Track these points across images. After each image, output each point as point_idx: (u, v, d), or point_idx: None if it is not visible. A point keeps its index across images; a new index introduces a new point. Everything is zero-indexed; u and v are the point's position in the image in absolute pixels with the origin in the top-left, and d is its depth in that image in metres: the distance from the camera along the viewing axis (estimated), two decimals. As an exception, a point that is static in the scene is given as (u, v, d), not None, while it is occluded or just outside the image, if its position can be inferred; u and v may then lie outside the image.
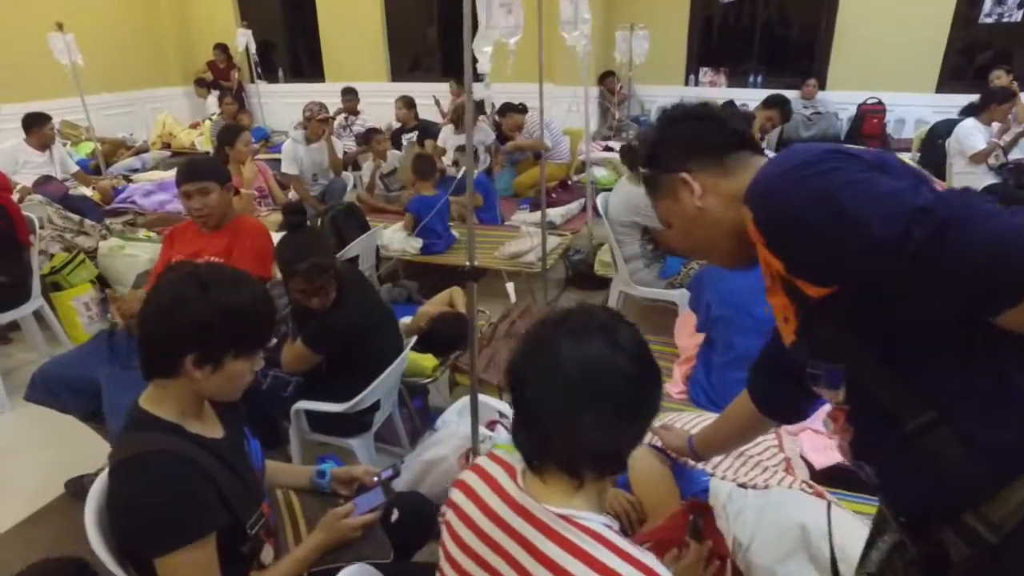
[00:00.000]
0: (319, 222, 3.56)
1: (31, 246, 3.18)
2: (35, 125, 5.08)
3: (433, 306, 2.97)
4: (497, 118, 6.51)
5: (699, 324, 2.53)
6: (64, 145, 6.10)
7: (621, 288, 3.27)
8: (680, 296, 3.10)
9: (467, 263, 1.76)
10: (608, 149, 6.25)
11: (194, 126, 8.09)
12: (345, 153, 5.59)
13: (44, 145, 5.14)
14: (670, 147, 1.06)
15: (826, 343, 0.93)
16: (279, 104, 8.77)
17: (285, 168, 4.58)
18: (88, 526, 1.21)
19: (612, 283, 3.45)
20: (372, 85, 7.86)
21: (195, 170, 2.29)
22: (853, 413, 0.96)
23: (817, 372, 0.99)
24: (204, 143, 7.21)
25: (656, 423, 2.04)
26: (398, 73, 8.41)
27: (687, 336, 2.73)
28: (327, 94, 8.66)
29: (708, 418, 1.93)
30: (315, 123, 4.51)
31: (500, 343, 2.75)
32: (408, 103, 5.66)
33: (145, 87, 8.80)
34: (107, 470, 1.19)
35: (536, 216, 4.56)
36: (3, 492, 2.61)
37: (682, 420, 1.96)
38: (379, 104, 7.29)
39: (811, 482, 1.80)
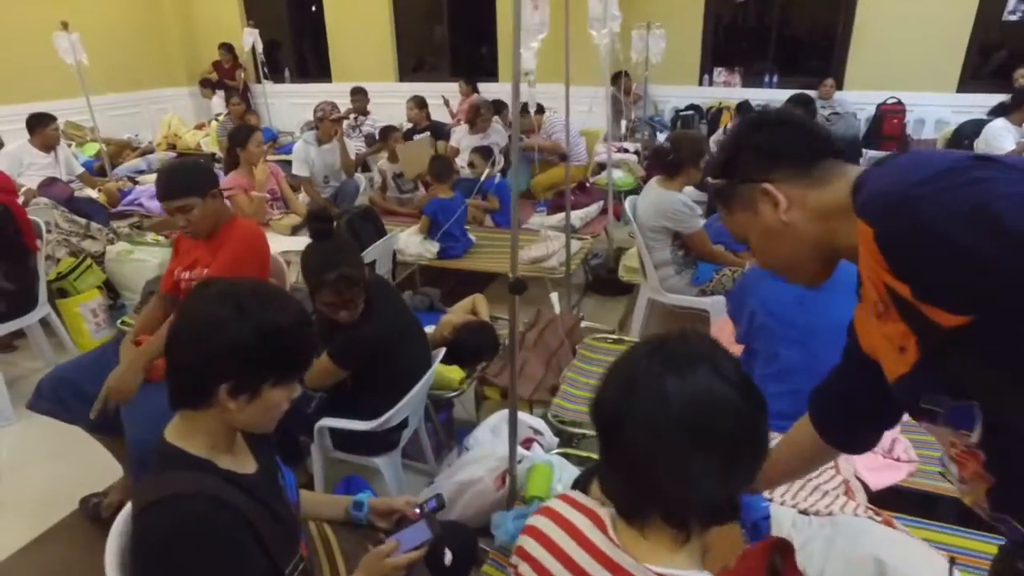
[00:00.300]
0: (334, 225, 3.44)
1: (38, 251, 3.06)
2: (39, 125, 4.97)
3: (456, 314, 2.85)
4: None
5: (740, 334, 2.41)
6: (69, 146, 5.99)
7: (650, 295, 3.15)
8: (713, 304, 2.99)
9: (509, 273, 1.64)
10: (623, 150, 6.13)
11: (199, 127, 7.98)
12: (356, 154, 5.48)
13: (48, 146, 5.03)
14: (750, 155, 0.97)
15: (961, 378, 0.81)
16: (285, 104, 8.66)
17: (296, 170, 4.46)
18: (109, 572, 1.09)
19: (640, 290, 3.33)
20: (380, 85, 7.74)
21: (172, 187, 2.08)
22: (993, 459, 0.83)
23: (936, 409, 0.87)
24: (210, 144, 7.09)
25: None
26: (406, 73, 8.30)
27: (724, 346, 2.61)
28: (334, 94, 8.52)
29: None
30: (328, 123, 4.39)
31: (529, 354, 2.63)
32: (419, 103, 5.54)
33: (150, 87, 8.69)
34: (131, 510, 1.07)
35: (555, 219, 4.46)
36: (10, 509, 2.49)
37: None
38: (387, 104, 7.17)
39: (876, 508, 1.68)
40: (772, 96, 6.82)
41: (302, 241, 3.63)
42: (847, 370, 1.13)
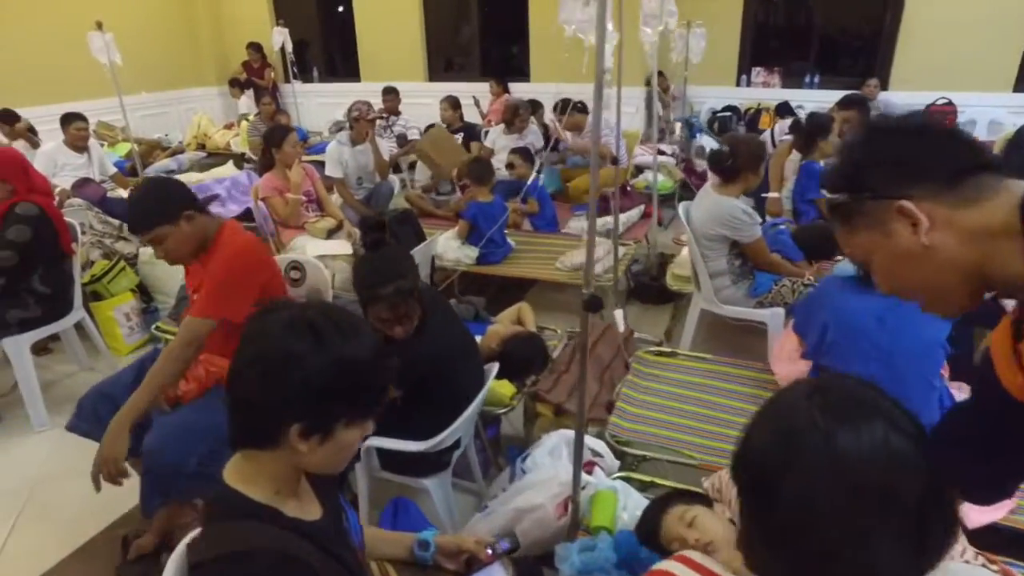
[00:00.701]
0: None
1: (74, 254, 2.99)
2: (65, 124, 4.98)
3: (503, 325, 2.73)
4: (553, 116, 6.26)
5: (809, 349, 2.26)
6: (101, 146, 5.97)
7: (703, 306, 2.99)
8: (771, 316, 2.83)
9: (584, 289, 1.51)
10: (660, 152, 5.96)
11: (228, 127, 7.95)
12: (388, 155, 5.37)
13: (76, 146, 5.00)
14: (885, 168, 0.83)
15: None
16: (313, 104, 8.61)
17: (329, 171, 4.36)
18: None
19: (692, 300, 3.17)
20: (409, 85, 7.64)
21: (138, 219, 1.93)
22: None
23: None
24: (240, 144, 7.04)
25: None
26: (435, 73, 8.20)
27: (787, 362, 2.45)
28: (363, 94, 8.44)
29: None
30: (362, 123, 4.29)
31: (596, 376, 2.49)
32: (453, 103, 5.43)
33: (179, 87, 8.69)
34: (187, 556, 0.96)
35: (597, 223, 4.30)
36: (43, 523, 2.41)
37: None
38: (416, 104, 7.07)
39: (988, 553, 1.52)
40: (812, 97, 6.62)
41: (338, 245, 3.53)
42: (983, 407, 0.98)
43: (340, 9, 8.38)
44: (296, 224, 3.61)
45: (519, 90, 7.57)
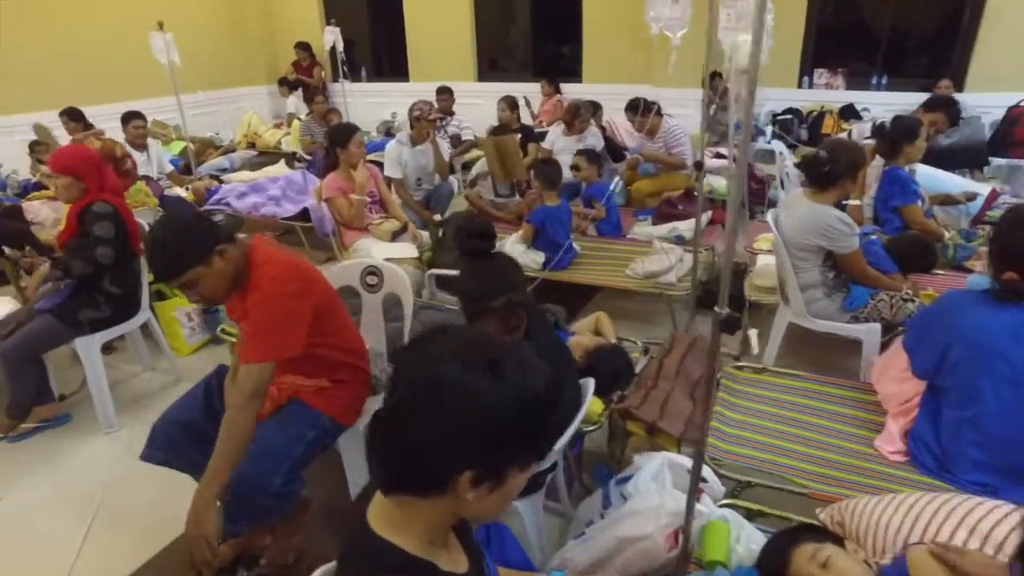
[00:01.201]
0: (439, 233, 3.24)
1: (142, 255, 2.95)
2: (124, 123, 5.02)
3: (585, 336, 2.60)
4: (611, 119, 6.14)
5: (925, 368, 2.09)
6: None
7: (792, 319, 2.83)
8: (868, 332, 2.66)
9: (717, 308, 1.38)
10: (718, 155, 5.78)
11: (277, 126, 7.97)
12: (443, 156, 5.29)
13: (136, 144, 5.03)
14: None
15: None
16: (361, 104, 8.57)
17: (388, 171, 4.29)
18: None
19: (777, 312, 3.01)
20: (458, 85, 7.57)
21: (166, 266, 1.73)
22: None
23: None
24: (291, 143, 7.04)
25: (904, 509, 1.64)
26: (485, 72, 8.11)
27: (895, 382, 2.28)
28: (412, 93, 8.40)
29: (996, 507, 1.51)
30: (423, 123, 4.20)
31: (673, 384, 2.36)
32: (511, 104, 5.32)
33: (230, 86, 8.75)
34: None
35: (663, 229, 4.18)
36: (117, 529, 2.36)
37: (954, 508, 1.54)
38: (466, 104, 6.99)
39: None
40: (880, 99, 6.37)
41: (403, 248, 3.45)
42: None
43: (390, 9, 8.32)
44: (360, 226, 3.53)
45: (571, 90, 7.45)
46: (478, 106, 7.71)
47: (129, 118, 4.99)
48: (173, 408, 1.98)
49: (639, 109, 4.84)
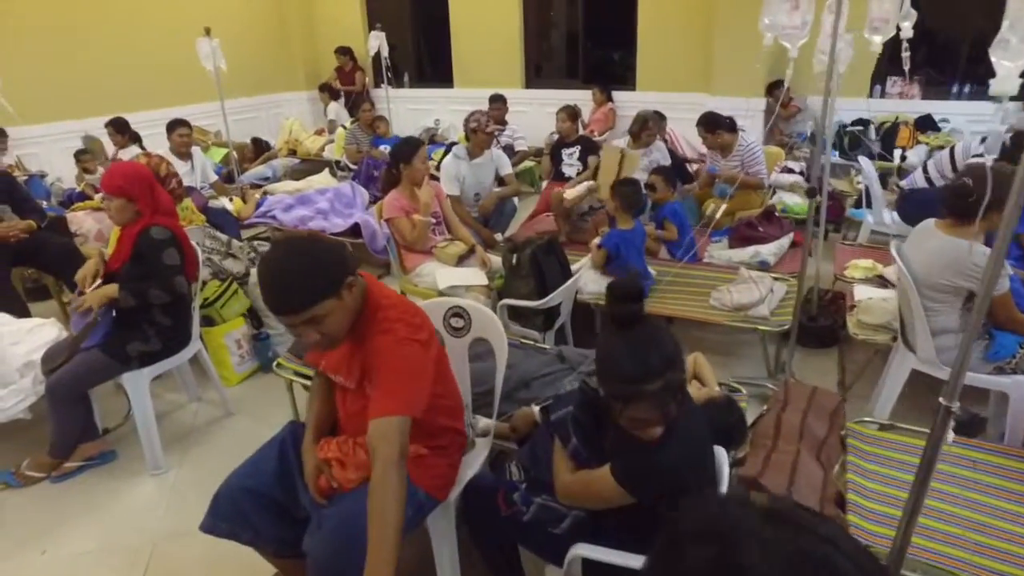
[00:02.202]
0: (514, 259, 2.97)
1: (196, 281, 2.72)
2: (169, 131, 4.82)
3: (691, 387, 2.30)
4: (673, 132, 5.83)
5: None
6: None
7: (917, 366, 2.49)
8: (1015, 386, 2.31)
9: (948, 403, 1.08)
10: (787, 170, 5.44)
11: (319, 132, 7.78)
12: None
13: (180, 152, 4.83)
14: None
15: None
16: (403, 110, 8.38)
17: (444, 187, 4.03)
18: None
19: (895, 358, 2.68)
20: (505, 91, 7.31)
21: (293, 297, 1.43)
22: None
23: None
24: (335, 151, 6.83)
25: None
26: (532, 79, 7.84)
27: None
28: (457, 100, 8.21)
29: None
30: (481, 135, 3.94)
31: (799, 447, 2.04)
32: (572, 114, 5.02)
33: (269, 91, 8.60)
34: None
35: (745, 254, 3.84)
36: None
37: None
38: (511, 112, 6.70)
39: None
40: (960, 109, 5.96)
41: (471, 274, 3.17)
42: None
43: (435, 14, 8.08)
44: (423, 249, 3.27)
45: (623, 99, 7.15)
46: (524, 114, 7.45)
47: (175, 126, 4.80)
48: (240, 473, 1.72)
49: (712, 124, 4.52)
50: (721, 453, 1.68)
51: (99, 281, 2.53)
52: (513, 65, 7.72)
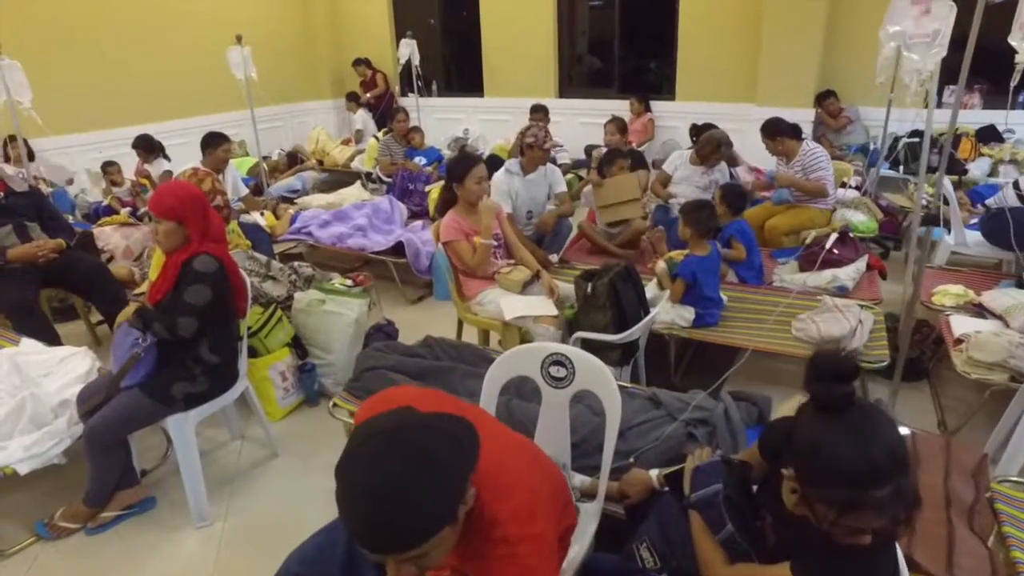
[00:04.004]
0: (589, 287, 2.71)
1: (244, 317, 2.48)
2: (210, 146, 4.49)
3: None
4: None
5: None
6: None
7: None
8: None
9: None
10: (842, 184, 5.15)
11: (346, 142, 7.58)
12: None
13: (219, 169, 4.57)
14: None
15: None
16: (432, 119, 8.15)
17: (494, 204, 3.79)
18: None
19: (1020, 401, 2.40)
20: (538, 101, 7.08)
21: (393, 537, 0.98)
22: None
23: None
24: (366, 163, 6.61)
25: None
26: (566, 88, 7.60)
27: None
28: (487, 110, 8.00)
29: None
30: (537, 152, 3.69)
31: (951, 516, 1.76)
32: (621, 126, 4.77)
33: (294, 100, 8.41)
34: None
35: (822, 278, 3.56)
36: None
37: None
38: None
39: None
40: (1024, 120, 5.67)
41: (539, 303, 2.91)
42: None
43: (466, 22, 7.86)
44: (485, 275, 3.02)
45: (662, 109, 6.91)
46: (557, 124, 7.20)
47: (216, 141, 4.37)
48: (302, 558, 1.44)
49: (774, 131, 4.27)
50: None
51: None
52: (547, 74, 7.49)
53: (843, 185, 5.11)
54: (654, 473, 1.71)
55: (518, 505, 1.17)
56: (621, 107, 6.91)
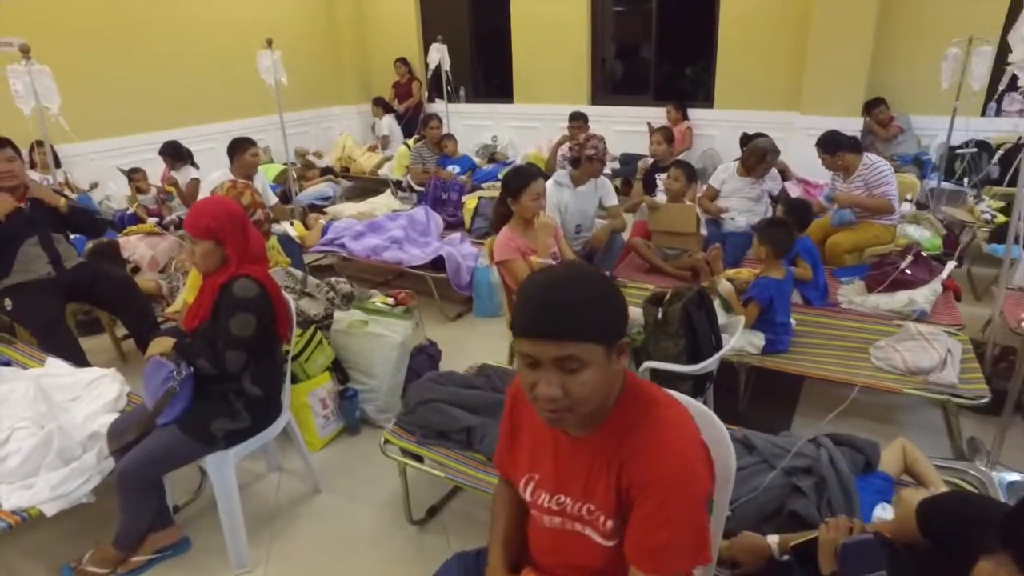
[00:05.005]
0: (659, 313, 2.49)
1: (289, 343, 2.29)
2: (236, 151, 4.32)
3: (916, 490, 1.79)
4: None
5: None
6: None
7: None
8: None
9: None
10: (906, 200, 4.89)
11: (372, 149, 7.40)
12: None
13: (248, 175, 4.38)
14: None
15: None
16: (460, 126, 7.95)
17: (541, 217, 3.57)
18: None
19: None
20: (569, 108, 6.86)
21: (561, 316, 1.03)
22: None
23: None
24: (395, 170, 6.41)
25: None
26: (599, 95, 7.38)
27: None
28: (517, 116, 7.80)
29: None
30: (597, 165, 3.48)
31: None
32: (667, 136, 4.54)
33: (319, 105, 8.25)
34: None
35: (897, 300, 3.32)
36: None
37: None
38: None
39: None
40: (1092, 130, 5.37)
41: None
42: None
43: (496, 26, 7.67)
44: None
45: (700, 116, 6.67)
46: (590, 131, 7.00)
47: (242, 145, 4.21)
48: None
49: (832, 146, 4.02)
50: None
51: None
52: (579, 80, 7.28)
53: (907, 200, 4.85)
54: (773, 541, 1.49)
55: (692, 432, 1.17)
56: (656, 114, 6.69)
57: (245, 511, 2.30)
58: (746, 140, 4.87)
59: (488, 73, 8.34)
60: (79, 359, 3.09)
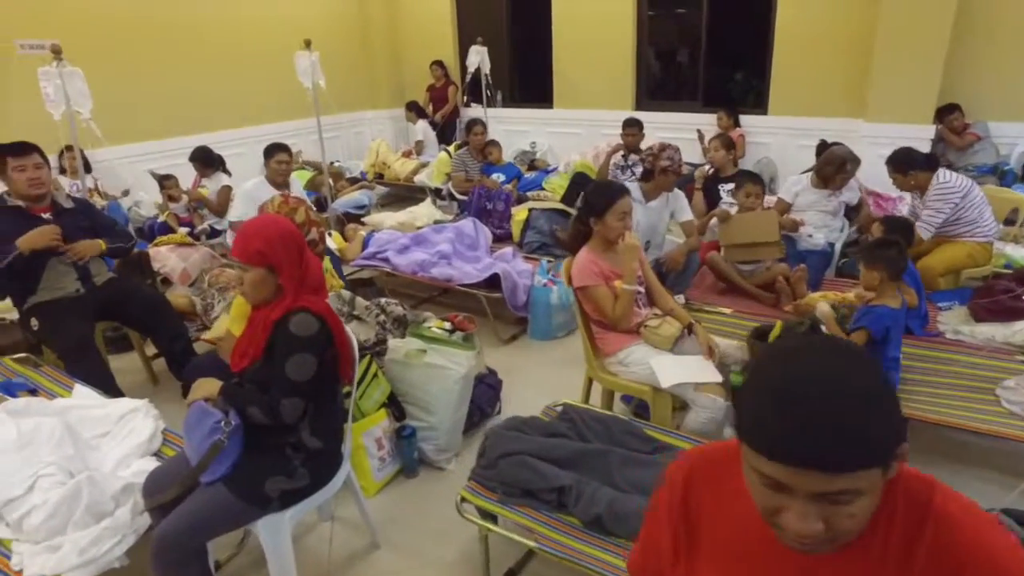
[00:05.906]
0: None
1: (352, 383, 1.99)
2: (266, 157, 4.11)
3: None
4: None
5: None
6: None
7: None
8: None
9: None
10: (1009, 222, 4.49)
11: (407, 154, 7.11)
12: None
13: (276, 183, 4.12)
14: None
15: None
16: (497, 131, 7.64)
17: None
18: None
19: None
20: (613, 114, 6.54)
21: (849, 441, 0.71)
22: None
23: None
24: (433, 178, 6.12)
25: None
26: (644, 100, 7.04)
27: None
28: (557, 122, 7.48)
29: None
30: (671, 177, 3.15)
31: None
32: (727, 143, 4.18)
33: (352, 109, 7.98)
34: None
35: (1015, 332, 2.95)
36: None
37: None
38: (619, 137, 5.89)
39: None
40: None
41: (697, 366, 2.36)
42: None
43: (537, 30, 7.36)
44: (627, 327, 2.46)
45: (752, 123, 6.31)
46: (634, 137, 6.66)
47: (273, 151, 4.05)
48: None
49: (904, 164, 3.65)
50: None
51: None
52: (624, 85, 6.94)
53: (1009, 222, 4.42)
54: None
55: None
56: (705, 121, 6.34)
57: (309, 569, 2.00)
58: (823, 148, 4.51)
59: (525, 76, 8.03)
60: (109, 385, 2.85)
